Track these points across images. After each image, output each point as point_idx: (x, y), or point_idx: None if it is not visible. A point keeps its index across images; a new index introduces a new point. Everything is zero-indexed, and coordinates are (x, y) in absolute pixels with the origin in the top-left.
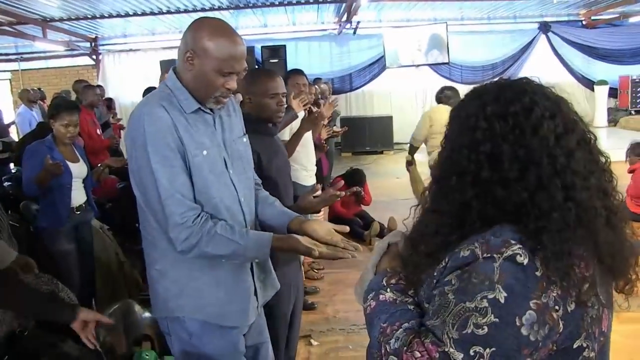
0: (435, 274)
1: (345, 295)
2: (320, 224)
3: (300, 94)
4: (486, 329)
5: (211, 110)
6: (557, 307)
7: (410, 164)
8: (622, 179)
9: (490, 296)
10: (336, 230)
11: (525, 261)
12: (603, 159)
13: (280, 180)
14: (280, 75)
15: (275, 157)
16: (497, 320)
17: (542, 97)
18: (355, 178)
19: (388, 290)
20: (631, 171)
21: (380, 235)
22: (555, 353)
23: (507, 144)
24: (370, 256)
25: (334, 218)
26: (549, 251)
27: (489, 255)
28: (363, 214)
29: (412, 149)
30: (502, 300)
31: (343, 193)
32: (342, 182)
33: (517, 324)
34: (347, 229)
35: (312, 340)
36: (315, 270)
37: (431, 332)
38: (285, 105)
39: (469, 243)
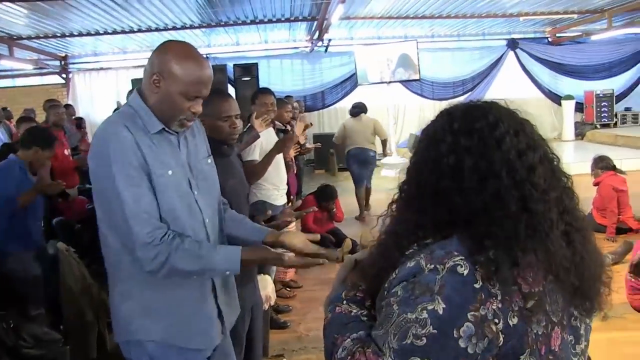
0: (386, 285)
1: (317, 313)
2: (295, 235)
3: (263, 114)
4: (425, 340)
5: (175, 131)
6: (496, 320)
7: (332, 154)
8: (589, 192)
9: (430, 307)
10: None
11: (465, 272)
12: (565, 179)
13: (234, 200)
14: (250, 93)
15: (231, 178)
16: (435, 331)
17: (507, 116)
18: (326, 194)
19: (344, 302)
20: (596, 184)
21: (353, 251)
22: None
23: (470, 157)
24: (338, 272)
25: None
26: (491, 261)
27: (432, 266)
28: (335, 231)
29: (335, 147)
30: (441, 312)
31: (295, 218)
32: (314, 207)
33: (455, 335)
34: (317, 237)
35: None
36: (288, 289)
37: (374, 342)
38: (239, 127)
39: (417, 254)
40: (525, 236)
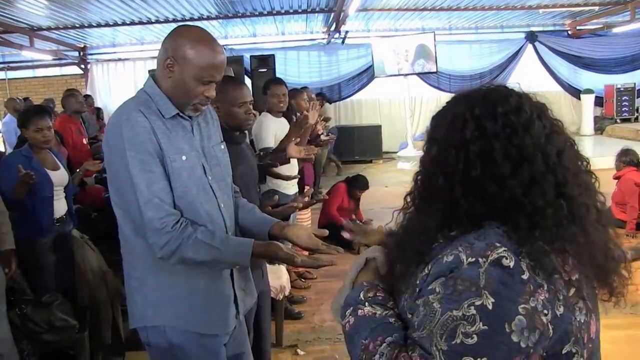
0: (417, 282)
1: None
2: (301, 229)
3: (302, 142)
4: (476, 338)
5: (189, 117)
6: (545, 311)
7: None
8: (608, 186)
9: (478, 303)
10: (316, 235)
11: (512, 264)
12: (585, 162)
13: (243, 187)
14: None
15: (240, 164)
16: (486, 327)
17: (527, 99)
18: (359, 182)
19: (366, 304)
20: (617, 177)
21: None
22: (544, 359)
23: (498, 142)
24: (348, 272)
25: (327, 223)
26: (535, 252)
27: (473, 259)
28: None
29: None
30: (490, 307)
31: (300, 205)
32: (324, 195)
33: (507, 330)
34: (325, 232)
35: (298, 350)
36: (303, 280)
37: (418, 345)
38: (253, 113)
39: (453, 247)
40: (567, 223)
